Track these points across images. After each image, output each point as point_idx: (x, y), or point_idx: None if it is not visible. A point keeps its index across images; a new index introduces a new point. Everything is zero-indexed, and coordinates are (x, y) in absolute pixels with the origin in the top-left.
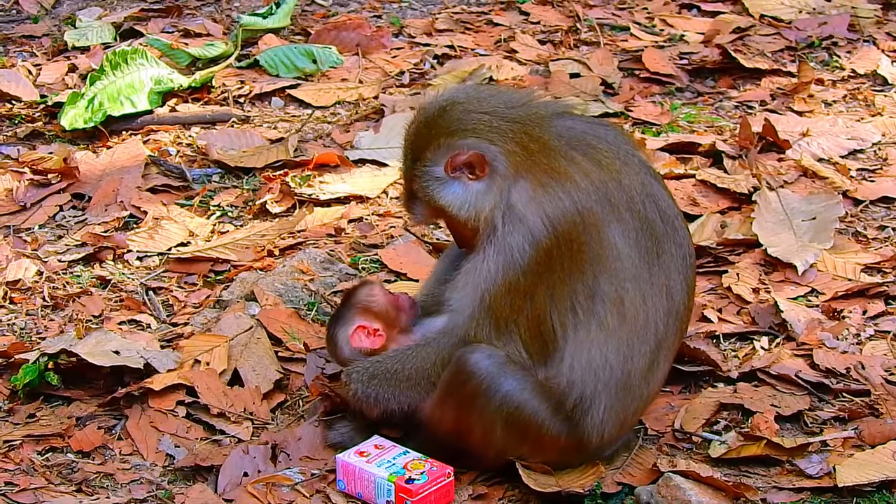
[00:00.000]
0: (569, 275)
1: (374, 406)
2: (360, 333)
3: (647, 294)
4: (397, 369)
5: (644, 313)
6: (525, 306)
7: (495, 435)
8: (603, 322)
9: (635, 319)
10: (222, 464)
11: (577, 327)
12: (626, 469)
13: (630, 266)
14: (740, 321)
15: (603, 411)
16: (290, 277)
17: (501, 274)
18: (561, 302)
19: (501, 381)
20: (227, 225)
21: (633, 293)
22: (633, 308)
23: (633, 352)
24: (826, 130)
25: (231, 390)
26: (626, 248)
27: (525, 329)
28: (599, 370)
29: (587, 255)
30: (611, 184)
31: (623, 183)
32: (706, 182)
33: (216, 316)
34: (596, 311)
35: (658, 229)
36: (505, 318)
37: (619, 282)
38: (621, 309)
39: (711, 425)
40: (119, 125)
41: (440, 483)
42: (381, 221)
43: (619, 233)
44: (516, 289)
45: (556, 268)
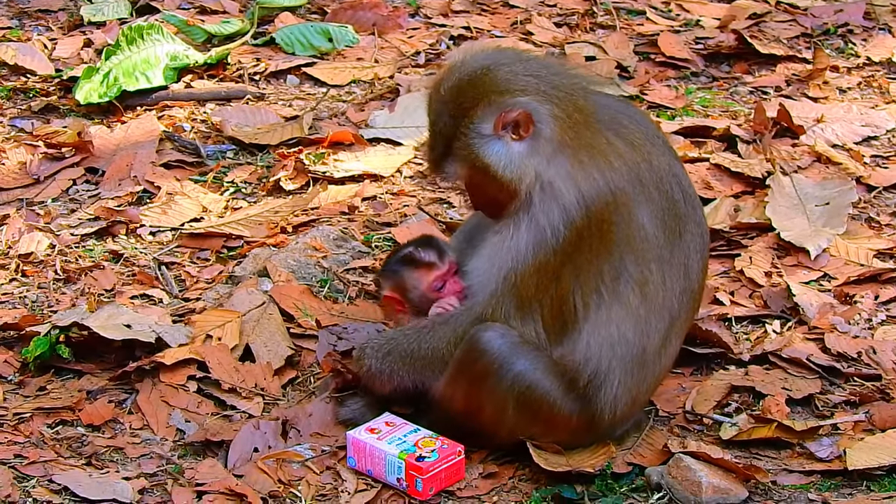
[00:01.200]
0: (596, 256)
1: (388, 382)
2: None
3: (668, 274)
4: (412, 347)
5: (663, 292)
6: (551, 286)
7: (507, 414)
8: (625, 302)
9: (655, 298)
10: (233, 439)
11: (600, 307)
12: (636, 450)
13: (656, 247)
14: (752, 304)
15: (616, 386)
16: (303, 254)
17: (532, 253)
18: (586, 283)
19: (514, 359)
20: (241, 201)
21: (657, 274)
22: (654, 288)
23: (649, 328)
24: (840, 117)
25: (242, 366)
26: (654, 228)
27: (548, 308)
28: (616, 346)
29: (616, 235)
30: (643, 164)
31: (653, 164)
32: (720, 166)
33: (228, 291)
34: (619, 291)
35: (681, 209)
36: (529, 298)
37: (645, 263)
38: (645, 289)
39: (722, 407)
40: (134, 100)
41: (451, 461)
42: (395, 200)
43: (647, 214)
44: (545, 269)
45: (584, 248)
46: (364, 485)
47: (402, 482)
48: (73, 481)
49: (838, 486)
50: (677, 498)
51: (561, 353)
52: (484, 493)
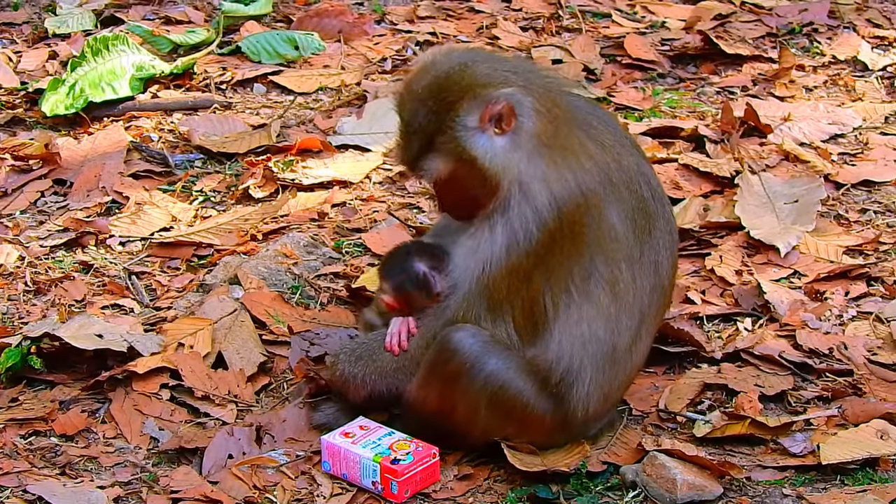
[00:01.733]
0: (567, 257)
1: (361, 388)
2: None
3: (638, 272)
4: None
5: (633, 289)
6: (522, 288)
7: (480, 414)
8: (596, 301)
9: (625, 296)
10: (207, 446)
11: (570, 307)
12: (611, 448)
13: (626, 246)
14: (724, 303)
15: (588, 384)
16: (274, 261)
17: (505, 256)
18: (557, 283)
19: (486, 359)
20: (210, 210)
21: (626, 272)
22: (624, 286)
23: (620, 326)
24: (807, 115)
25: (215, 373)
26: (623, 228)
27: (518, 310)
28: (587, 344)
29: (587, 237)
30: (612, 165)
31: (622, 164)
32: (689, 166)
33: (199, 300)
34: (590, 291)
35: (650, 208)
36: (500, 300)
37: (615, 262)
38: (615, 288)
39: (696, 405)
40: (100, 111)
41: (426, 463)
42: (365, 206)
43: (617, 214)
44: (517, 271)
45: (555, 250)
46: (339, 489)
47: (377, 485)
48: (47, 491)
49: (812, 481)
50: (652, 496)
51: (533, 354)
52: (459, 494)
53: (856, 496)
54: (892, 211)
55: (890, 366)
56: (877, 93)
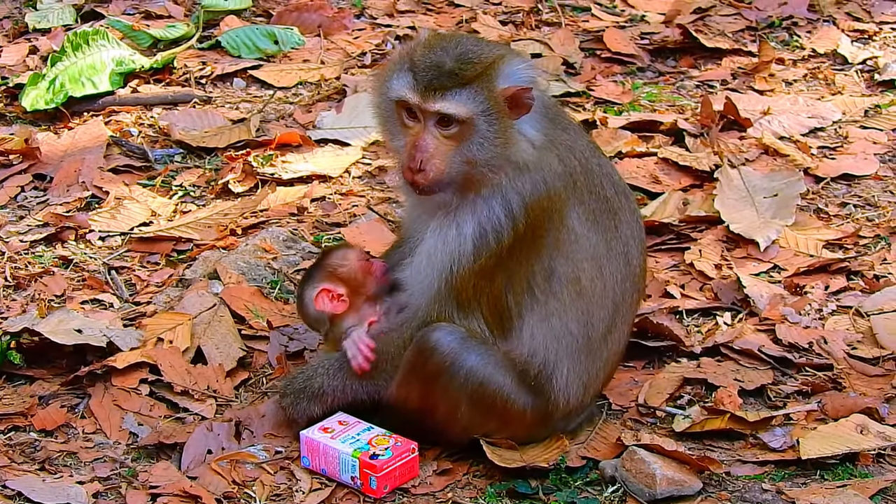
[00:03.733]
0: (527, 259)
1: (342, 398)
2: (324, 296)
3: (605, 266)
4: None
5: (602, 283)
6: (486, 288)
7: (461, 411)
8: (560, 298)
9: (593, 291)
10: (186, 441)
11: (535, 304)
12: (590, 443)
13: (588, 246)
14: (703, 297)
15: (566, 374)
16: (253, 256)
17: (473, 256)
18: (518, 283)
19: (464, 356)
20: (190, 204)
21: (591, 270)
22: (590, 283)
23: (592, 318)
24: (787, 109)
25: (194, 368)
26: (584, 229)
27: (486, 307)
28: (560, 337)
29: (546, 240)
30: (578, 167)
31: (587, 167)
32: (668, 160)
33: (179, 294)
34: (553, 289)
35: (615, 204)
36: (468, 299)
37: (576, 262)
38: (578, 286)
39: (675, 400)
40: (80, 106)
41: (405, 458)
42: (344, 200)
43: (577, 215)
44: (482, 271)
45: (516, 252)
46: (318, 484)
47: (356, 480)
48: (26, 487)
49: (792, 476)
50: (631, 490)
51: (508, 348)
52: (439, 489)
53: (836, 491)
54: (872, 205)
55: (870, 360)
56: (856, 86)
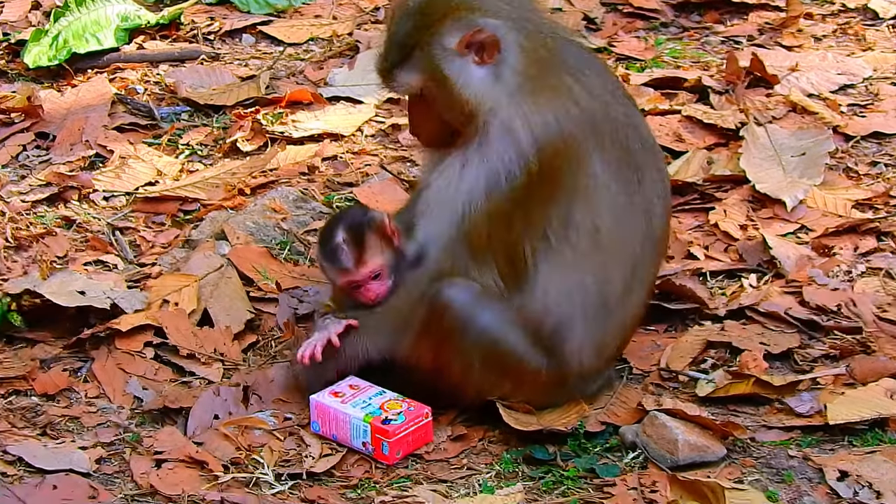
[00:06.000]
0: (545, 202)
1: (354, 360)
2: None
3: (626, 221)
4: (372, 318)
5: (621, 239)
6: (502, 234)
7: (474, 372)
8: (577, 249)
9: (611, 245)
10: (192, 406)
11: (550, 254)
12: (609, 408)
13: (608, 196)
14: (728, 258)
15: (581, 335)
16: (262, 216)
17: (485, 198)
18: (535, 229)
19: (478, 313)
20: (197, 164)
21: (610, 221)
22: (609, 235)
23: (609, 275)
24: (816, 65)
25: (201, 331)
26: (606, 178)
27: (501, 256)
28: (574, 294)
29: (565, 183)
30: (598, 114)
31: (609, 114)
32: (692, 118)
33: (185, 256)
34: (570, 238)
35: (640, 158)
36: (482, 247)
37: (595, 211)
38: (596, 237)
39: (698, 364)
40: (84, 63)
41: (418, 423)
42: (356, 159)
43: (599, 163)
44: (497, 215)
45: (534, 193)
46: (329, 449)
47: (367, 446)
48: (27, 452)
49: (819, 442)
50: (653, 457)
51: (521, 303)
52: (453, 455)
53: (864, 457)
54: None
55: None
56: (888, 42)
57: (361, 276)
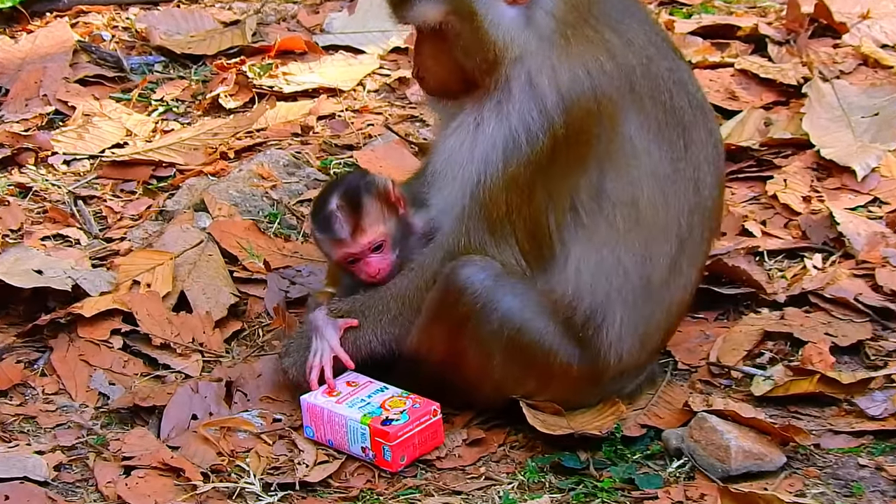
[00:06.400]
0: (571, 169)
1: (355, 353)
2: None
3: (669, 191)
4: (377, 304)
5: (664, 212)
6: (523, 205)
7: (494, 364)
8: (613, 224)
9: (653, 219)
10: (166, 405)
11: (580, 228)
12: (651, 409)
13: (648, 163)
14: (788, 235)
15: (619, 324)
16: (248, 184)
17: (502, 162)
18: (560, 200)
19: (499, 296)
20: (172, 123)
21: (651, 192)
22: (650, 208)
23: (651, 253)
24: (890, 12)
25: (177, 317)
26: (645, 142)
27: (521, 231)
28: (611, 274)
29: (595, 149)
30: (638, 69)
31: (651, 70)
32: (747, 72)
33: (159, 229)
34: (603, 211)
35: (686, 117)
36: (500, 219)
37: (632, 180)
38: (634, 210)
39: (754, 358)
40: (42, 5)
41: (424, 423)
42: (357, 118)
43: (637, 126)
44: (516, 182)
45: (558, 159)
46: (325, 456)
47: (367, 451)
48: None
49: (894, 449)
50: (701, 465)
51: (549, 286)
52: (469, 463)
53: None
54: None
55: None
56: None
57: (359, 248)
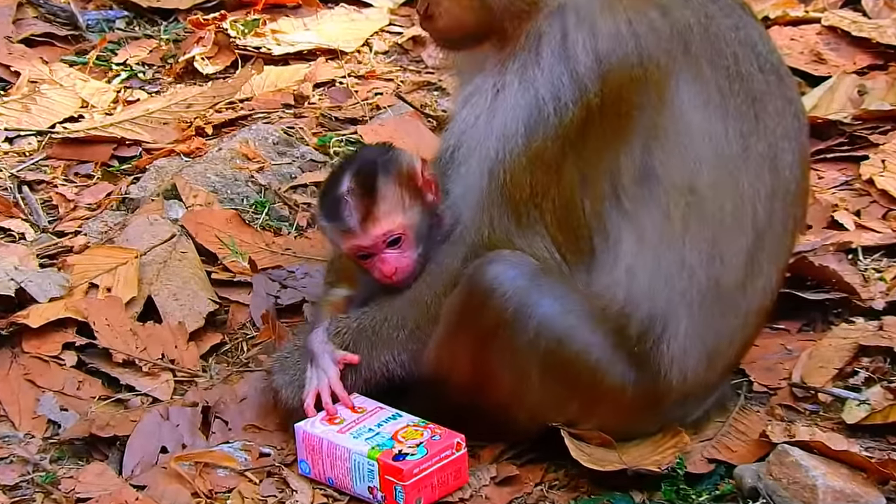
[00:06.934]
0: (607, 146)
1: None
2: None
3: (739, 174)
4: (390, 317)
5: (734, 198)
6: (550, 184)
7: (529, 383)
8: (667, 213)
9: (720, 208)
10: (130, 434)
11: (625, 218)
12: (721, 440)
13: (707, 140)
14: (887, 229)
15: (683, 335)
16: (230, 166)
17: (524, 135)
18: (595, 183)
19: (535, 299)
20: (137, 91)
21: (714, 175)
22: (714, 194)
23: (720, 249)
24: None
25: (143, 328)
26: (703, 115)
27: (551, 217)
28: (673, 276)
29: (637, 122)
30: (696, 27)
31: (710, 29)
32: (837, 29)
33: (121, 221)
34: (654, 198)
35: (757, 84)
36: (524, 202)
37: (687, 162)
38: (693, 197)
39: (846, 378)
40: None
41: (445, 458)
42: (363, 86)
43: (692, 95)
44: (540, 157)
45: (592, 133)
46: (323, 497)
47: (375, 492)
48: None
49: None
50: None
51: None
52: None
53: None
54: None
55: None
56: None
57: (371, 241)
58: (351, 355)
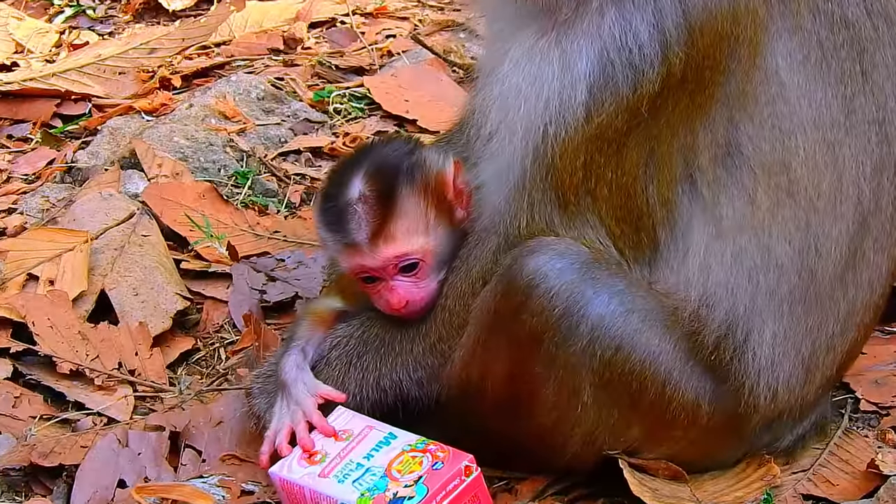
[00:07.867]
0: (684, 121)
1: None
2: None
3: (842, 146)
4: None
5: (833, 176)
6: (608, 167)
7: (580, 402)
8: (753, 197)
9: (816, 187)
10: (80, 464)
11: (698, 205)
12: (819, 471)
13: (805, 107)
14: None
15: (771, 343)
16: (203, 127)
17: (584, 105)
18: (666, 165)
19: (588, 297)
20: (86, 33)
21: (811, 150)
22: (809, 172)
23: (815, 236)
24: None
25: (94, 330)
26: (799, 76)
27: (606, 206)
28: (757, 271)
29: (723, 90)
30: None
31: None
32: None
33: (66, 196)
34: (736, 180)
35: (865, 33)
36: (575, 188)
37: (781, 134)
38: (783, 178)
39: None
40: None
41: (452, 491)
42: (370, 26)
43: (788, 53)
44: (602, 134)
45: (667, 105)
46: None
47: None
48: None
49: None
50: None
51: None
52: None
53: None
54: None
55: None
56: None
57: (382, 263)
58: (334, 391)
